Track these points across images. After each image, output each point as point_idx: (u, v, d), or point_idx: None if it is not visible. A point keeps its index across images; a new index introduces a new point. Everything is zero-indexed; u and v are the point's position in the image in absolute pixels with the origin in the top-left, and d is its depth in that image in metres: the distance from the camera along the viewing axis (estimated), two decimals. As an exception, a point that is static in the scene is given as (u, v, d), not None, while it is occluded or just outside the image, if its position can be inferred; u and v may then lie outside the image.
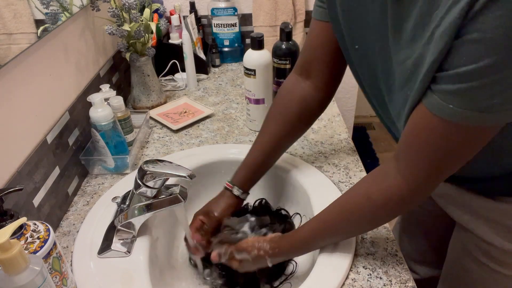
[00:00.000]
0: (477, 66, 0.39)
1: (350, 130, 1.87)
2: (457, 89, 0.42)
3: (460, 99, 0.42)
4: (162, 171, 0.63)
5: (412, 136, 0.51)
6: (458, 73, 0.41)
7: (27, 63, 0.71)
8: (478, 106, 0.42)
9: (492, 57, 0.38)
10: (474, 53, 0.39)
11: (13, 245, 0.44)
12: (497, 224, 0.66)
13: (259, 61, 0.95)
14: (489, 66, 0.38)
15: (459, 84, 0.41)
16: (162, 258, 0.76)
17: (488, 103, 0.41)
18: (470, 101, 0.42)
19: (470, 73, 0.40)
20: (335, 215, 0.62)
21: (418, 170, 0.51)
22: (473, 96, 0.41)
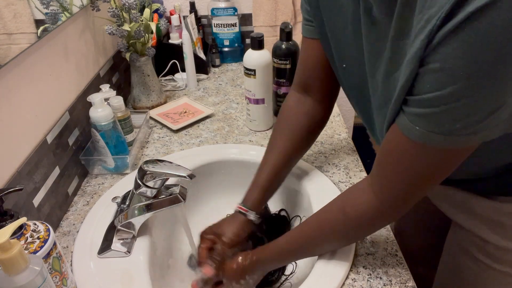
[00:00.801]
0: (439, 94, 0.41)
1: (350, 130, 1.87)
2: (422, 113, 0.44)
3: (425, 122, 0.44)
4: (162, 171, 0.63)
5: (385, 154, 0.53)
6: (423, 99, 0.43)
7: (27, 63, 0.71)
8: (441, 130, 0.44)
9: (453, 86, 0.40)
10: (436, 81, 0.41)
11: (13, 245, 0.44)
12: (492, 222, 0.66)
13: (259, 61, 0.95)
14: (451, 94, 0.40)
15: (424, 108, 0.43)
16: (162, 258, 0.76)
17: (451, 127, 0.43)
18: (434, 125, 0.44)
19: (433, 99, 0.42)
20: (312, 228, 0.63)
21: (390, 189, 0.53)
22: (437, 120, 0.43)
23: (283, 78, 1.03)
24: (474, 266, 0.72)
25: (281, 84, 1.04)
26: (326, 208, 0.63)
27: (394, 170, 0.51)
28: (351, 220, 0.58)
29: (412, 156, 0.48)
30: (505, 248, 0.66)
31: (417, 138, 0.46)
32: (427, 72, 0.41)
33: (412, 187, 0.52)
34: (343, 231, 0.61)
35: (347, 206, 0.58)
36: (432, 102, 0.42)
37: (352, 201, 0.58)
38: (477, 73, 0.38)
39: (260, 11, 1.39)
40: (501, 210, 0.65)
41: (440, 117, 0.43)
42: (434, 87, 0.41)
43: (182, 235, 0.77)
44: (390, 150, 0.51)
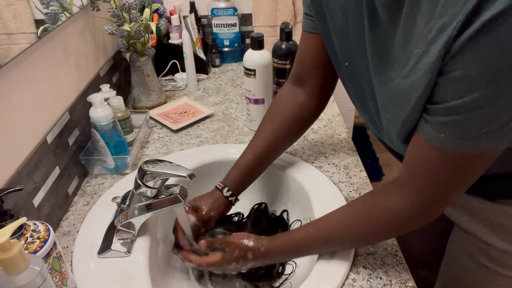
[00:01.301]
0: (463, 101, 0.42)
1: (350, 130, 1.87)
2: (447, 121, 0.45)
3: (450, 129, 0.45)
4: (162, 171, 0.63)
5: (413, 163, 0.53)
6: (447, 107, 0.44)
7: (27, 63, 0.71)
8: (467, 136, 0.44)
9: (475, 93, 0.40)
10: (459, 89, 0.42)
11: (13, 245, 0.44)
12: (495, 225, 0.66)
13: (259, 61, 0.95)
14: (474, 101, 0.41)
15: (448, 116, 0.44)
16: (162, 258, 0.76)
17: (477, 133, 0.44)
18: (460, 131, 0.45)
19: (457, 107, 0.43)
20: (335, 226, 0.62)
21: (423, 195, 0.53)
22: (462, 127, 0.44)
23: (283, 78, 1.03)
24: (476, 269, 0.71)
25: (281, 84, 1.04)
26: (353, 208, 0.62)
27: (425, 177, 0.51)
28: (380, 223, 0.58)
29: (441, 163, 0.49)
30: (509, 252, 0.66)
31: (444, 146, 0.46)
32: (448, 81, 0.42)
33: (444, 193, 0.52)
34: (369, 233, 0.60)
35: (376, 209, 0.58)
36: (456, 110, 0.43)
37: (382, 204, 0.57)
38: (498, 79, 0.39)
39: (260, 11, 1.39)
40: (505, 213, 0.65)
41: (465, 123, 0.43)
42: (457, 95, 0.42)
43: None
44: (418, 158, 0.52)
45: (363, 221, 0.59)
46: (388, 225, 0.58)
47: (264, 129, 0.78)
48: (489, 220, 0.67)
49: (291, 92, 0.77)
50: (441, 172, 0.50)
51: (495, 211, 0.66)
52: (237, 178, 0.76)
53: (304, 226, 0.65)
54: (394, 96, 0.51)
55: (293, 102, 0.76)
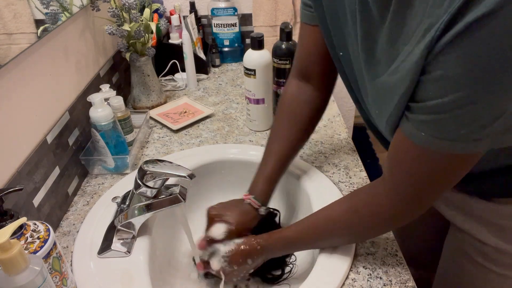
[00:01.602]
0: (442, 101, 0.42)
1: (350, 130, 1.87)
2: (426, 120, 0.45)
3: (430, 128, 0.45)
4: (162, 171, 0.63)
5: (394, 160, 0.53)
6: (426, 106, 0.44)
7: (27, 63, 0.71)
8: (446, 136, 0.44)
9: (455, 94, 0.40)
10: (439, 89, 0.42)
11: (13, 245, 0.44)
12: (491, 224, 0.66)
13: (259, 61, 0.95)
14: (453, 101, 0.41)
15: (427, 115, 0.44)
16: (162, 258, 0.76)
17: (456, 133, 0.44)
18: (439, 131, 0.45)
19: (436, 106, 0.43)
20: (322, 223, 0.64)
21: (403, 192, 0.53)
22: (441, 126, 0.44)
23: (283, 78, 1.03)
24: (473, 268, 0.71)
25: (281, 84, 1.04)
26: (338, 206, 0.63)
27: (404, 174, 0.52)
28: (364, 220, 0.58)
29: (420, 161, 0.49)
30: (504, 250, 0.66)
31: (423, 143, 0.46)
32: (429, 80, 0.42)
33: (424, 191, 0.52)
34: (354, 231, 0.62)
35: (361, 207, 0.58)
36: (435, 109, 0.43)
37: (366, 202, 0.58)
38: (478, 81, 0.39)
39: (260, 11, 1.39)
40: (500, 212, 0.65)
41: (444, 123, 0.43)
42: (436, 94, 0.42)
43: (182, 235, 0.77)
44: (398, 155, 0.52)
45: (347, 218, 0.60)
46: (371, 223, 0.59)
47: (281, 132, 0.77)
48: (484, 219, 0.67)
49: (299, 89, 0.76)
50: (421, 170, 0.50)
51: (490, 210, 0.66)
52: (266, 189, 0.74)
53: (295, 224, 0.66)
54: (380, 93, 0.52)
55: (303, 99, 0.76)
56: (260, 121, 1.03)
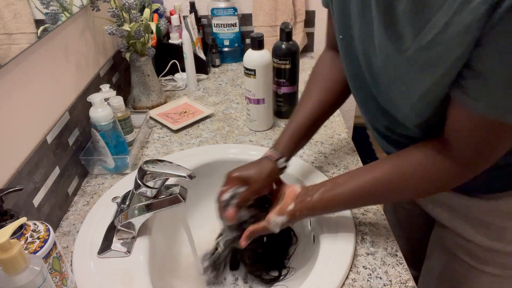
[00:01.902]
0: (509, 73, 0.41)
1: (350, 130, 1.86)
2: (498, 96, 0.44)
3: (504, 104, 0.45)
4: (162, 171, 0.63)
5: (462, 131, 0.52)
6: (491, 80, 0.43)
7: (27, 63, 0.71)
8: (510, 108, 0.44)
9: None
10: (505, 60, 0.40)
11: (13, 245, 0.44)
12: (476, 221, 0.66)
13: (259, 61, 0.95)
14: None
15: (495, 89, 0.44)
16: (162, 258, 0.76)
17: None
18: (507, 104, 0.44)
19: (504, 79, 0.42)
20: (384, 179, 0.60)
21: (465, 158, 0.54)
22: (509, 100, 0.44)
23: (283, 78, 1.03)
24: (457, 266, 0.72)
25: (281, 84, 1.04)
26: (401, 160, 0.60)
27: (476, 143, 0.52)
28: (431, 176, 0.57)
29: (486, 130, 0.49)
30: (488, 248, 0.66)
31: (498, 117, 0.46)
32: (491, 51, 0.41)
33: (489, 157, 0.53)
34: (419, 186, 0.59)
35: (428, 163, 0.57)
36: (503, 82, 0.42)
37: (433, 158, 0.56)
38: None
39: (260, 11, 1.39)
40: (484, 209, 0.65)
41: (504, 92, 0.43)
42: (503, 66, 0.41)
43: (182, 235, 0.77)
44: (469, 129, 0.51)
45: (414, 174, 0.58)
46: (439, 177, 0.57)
47: (314, 92, 0.76)
48: (469, 216, 0.67)
49: (331, 57, 0.76)
50: (490, 139, 0.51)
51: (475, 206, 0.66)
52: (289, 144, 0.72)
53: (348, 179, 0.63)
54: (414, 66, 0.49)
55: (335, 65, 0.75)
56: (260, 121, 1.03)
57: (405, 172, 0.58)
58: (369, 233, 0.72)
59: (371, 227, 0.73)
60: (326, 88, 0.75)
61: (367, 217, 0.75)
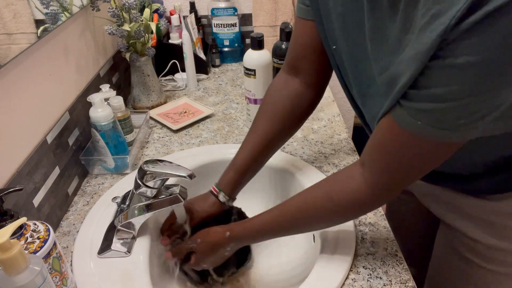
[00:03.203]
0: (446, 90, 0.41)
1: (350, 130, 1.87)
2: (426, 108, 0.44)
3: (428, 117, 0.45)
4: (162, 171, 0.63)
5: (379, 145, 0.53)
6: (428, 94, 0.43)
7: (27, 63, 0.71)
8: (445, 125, 0.44)
9: (463, 83, 0.40)
10: (445, 77, 0.41)
11: (13, 245, 0.44)
12: (481, 221, 0.66)
13: (259, 61, 0.95)
14: (458, 92, 0.40)
15: (428, 103, 0.44)
16: (162, 258, 0.76)
17: (454, 123, 0.43)
18: (437, 120, 0.44)
19: (439, 95, 0.42)
20: (294, 211, 0.63)
21: (382, 178, 0.53)
22: (441, 116, 0.44)
23: (283, 78, 1.03)
24: (463, 265, 0.72)
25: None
26: (311, 193, 0.62)
27: (389, 161, 0.52)
28: (338, 206, 0.58)
29: (409, 148, 0.49)
30: (494, 246, 0.66)
31: (417, 132, 0.46)
32: (437, 67, 0.41)
33: (405, 176, 0.52)
34: (328, 217, 0.61)
35: (335, 193, 0.58)
36: (437, 98, 0.42)
37: (341, 187, 0.58)
38: (490, 71, 0.38)
39: (260, 11, 1.39)
40: (488, 208, 0.65)
41: (445, 113, 0.43)
42: (443, 82, 0.41)
43: (182, 235, 0.77)
44: (385, 141, 0.51)
45: (323, 206, 0.60)
46: (346, 208, 0.58)
47: (259, 124, 0.75)
48: (473, 216, 0.67)
49: (286, 82, 0.74)
50: (408, 157, 0.50)
51: (480, 206, 0.66)
52: (233, 179, 0.74)
53: (265, 212, 0.66)
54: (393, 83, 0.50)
55: (287, 93, 0.74)
56: (260, 121, 1.03)
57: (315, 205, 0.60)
58: (369, 233, 0.72)
59: (371, 227, 0.73)
60: (272, 120, 0.74)
61: (367, 217, 0.75)
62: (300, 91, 0.73)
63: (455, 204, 0.70)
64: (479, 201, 0.65)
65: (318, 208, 0.60)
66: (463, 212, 0.69)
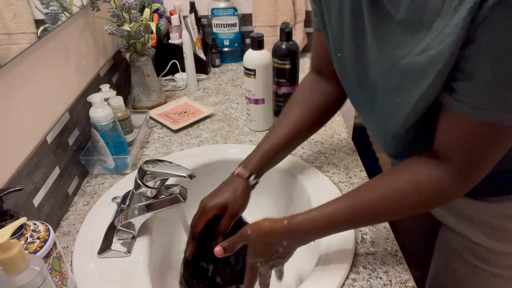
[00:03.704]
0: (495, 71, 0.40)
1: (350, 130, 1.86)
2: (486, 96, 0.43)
3: (492, 104, 0.44)
4: (162, 171, 0.63)
5: (453, 140, 0.52)
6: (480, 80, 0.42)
7: (27, 63, 0.71)
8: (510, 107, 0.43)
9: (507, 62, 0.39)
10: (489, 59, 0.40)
11: (13, 245, 0.44)
12: (482, 224, 0.66)
13: (259, 61, 0.95)
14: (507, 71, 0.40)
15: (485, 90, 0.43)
16: (162, 258, 0.76)
17: None
18: (502, 104, 0.44)
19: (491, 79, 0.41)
20: (376, 200, 0.57)
21: (465, 169, 0.52)
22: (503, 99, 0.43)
23: (283, 78, 1.03)
24: (464, 268, 0.72)
25: (281, 84, 1.04)
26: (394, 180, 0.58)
27: (468, 153, 0.51)
28: (427, 193, 0.56)
29: (482, 136, 0.48)
30: (495, 250, 0.66)
31: (487, 119, 0.45)
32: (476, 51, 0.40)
33: (485, 165, 0.52)
34: (415, 204, 0.57)
35: (423, 180, 0.55)
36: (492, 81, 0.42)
37: (427, 175, 0.55)
38: None
39: (260, 11, 1.39)
40: (490, 211, 0.65)
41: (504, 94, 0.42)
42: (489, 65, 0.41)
43: (182, 235, 0.77)
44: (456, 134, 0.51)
45: (409, 192, 0.56)
46: (436, 194, 0.56)
47: (290, 113, 0.77)
48: (474, 219, 0.67)
49: (313, 80, 0.78)
50: (484, 145, 0.49)
51: (481, 209, 0.66)
52: (260, 163, 0.72)
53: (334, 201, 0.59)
54: (408, 75, 0.49)
55: (318, 89, 0.76)
56: (260, 121, 1.03)
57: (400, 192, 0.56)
58: (369, 233, 0.72)
59: (371, 227, 0.73)
60: (304, 109, 0.76)
61: (367, 217, 0.75)
62: (327, 87, 0.76)
63: (456, 206, 0.70)
64: (481, 204, 0.65)
65: (403, 195, 0.56)
66: (464, 214, 0.69)
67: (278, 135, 0.74)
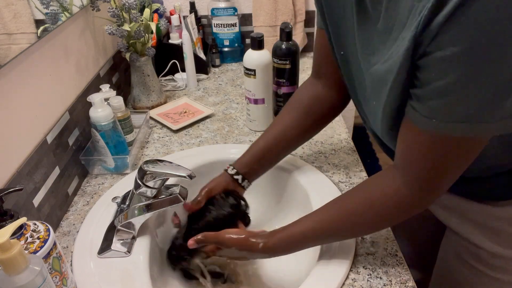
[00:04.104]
0: (445, 82, 0.42)
1: (350, 130, 1.87)
2: (435, 105, 0.45)
3: (440, 113, 0.45)
4: (162, 171, 0.63)
5: (407, 150, 0.53)
6: (431, 89, 0.44)
7: (27, 63, 0.71)
8: (456, 118, 0.44)
9: (456, 74, 0.41)
10: (440, 70, 0.42)
11: (13, 245, 0.44)
12: (486, 227, 0.66)
13: (259, 61, 0.95)
14: (456, 82, 0.41)
15: (434, 99, 0.44)
16: (162, 258, 0.76)
17: (464, 113, 0.44)
18: (449, 114, 0.44)
19: (441, 88, 0.43)
20: (335, 218, 0.61)
21: (418, 179, 0.53)
22: (450, 109, 0.44)
23: (283, 78, 1.03)
24: (467, 272, 0.71)
25: (281, 84, 1.04)
26: (350, 199, 0.61)
27: (421, 163, 0.51)
28: (380, 211, 0.57)
29: (435, 148, 0.48)
30: (498, 254, 0.66)
31: (436, 131, 0.46)
32: (429, 62, 0.42)
33: (442, 176, 0.52)
34: (371, 223, 0.59)
35: (376, 198, 0.57)
36: (441, 91, 0.43)
37: (381, 193, 0.57)
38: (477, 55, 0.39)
39: (260, 11, 1.39)
40: (494, 215, 0.65)
41: (454, 105, 0.43)
42: (439, 75, 0.42)
43: (182, 235, 0.77)
44: (411, 145, 0.51)
45: (364, 211, 0.58)
46: (387, 213, 0.57)
47: (281, 117, 0.78)
48: (479, 223, 0.67)
49: (311, 84, 0.78)
50: (436, 157, 0.49)
51: (485, 213, 0.66)
52: (247, 160, 0.76)
53: (301, 220, 0.63)
54: (374, 82, 0.52)
55: (311, 92, 0.77)
56: (260, 121, 1.03)
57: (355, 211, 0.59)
58: (369, 233, 0.72)
59: (371, 227, 0.73)
60: (295, 116, 0.77)
61: (367, 217, 0.75)
62: (321, 92, 0.76)
63: (461, 210, 0.69)
64: (485, 207, 0.65)
65: (359, 214, 0.59)
66: (468, 218, 0.68)
67: (270, 138, 0.77)
